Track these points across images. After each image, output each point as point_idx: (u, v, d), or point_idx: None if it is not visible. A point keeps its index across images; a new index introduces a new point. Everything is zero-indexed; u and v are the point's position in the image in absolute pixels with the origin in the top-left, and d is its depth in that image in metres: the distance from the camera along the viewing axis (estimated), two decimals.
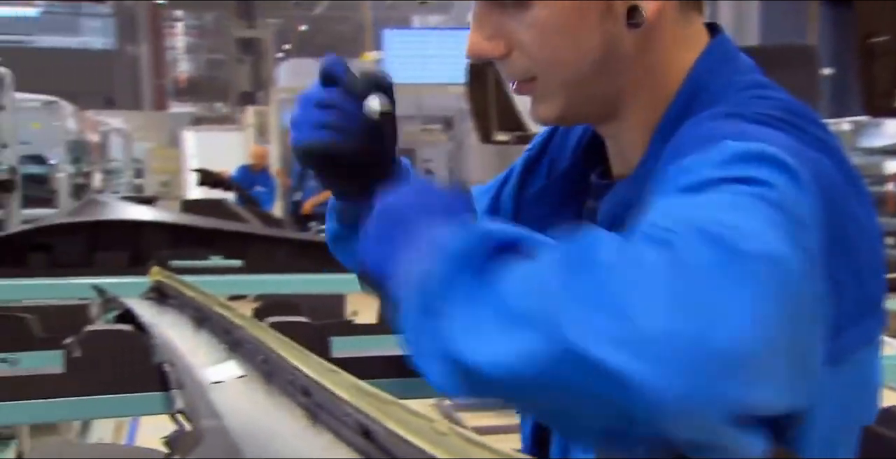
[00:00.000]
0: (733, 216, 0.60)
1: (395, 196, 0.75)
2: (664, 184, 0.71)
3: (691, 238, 0.57)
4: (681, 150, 0.75)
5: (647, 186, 0.79)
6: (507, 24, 0.85)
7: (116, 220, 1.93)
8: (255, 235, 1.96)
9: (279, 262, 1.92)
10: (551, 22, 0.83)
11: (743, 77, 0.86)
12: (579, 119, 0.93)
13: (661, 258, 0.56)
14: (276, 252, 1.95)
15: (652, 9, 0.83)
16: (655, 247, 0.57)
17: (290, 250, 1.95)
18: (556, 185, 0.98)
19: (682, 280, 0.55)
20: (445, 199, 0.75)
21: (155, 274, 1.54)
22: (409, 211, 0.72)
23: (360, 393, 0.69)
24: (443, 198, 0.75)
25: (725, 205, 0.63)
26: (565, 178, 0.98)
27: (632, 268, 0.56)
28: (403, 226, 0.71)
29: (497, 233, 0.63)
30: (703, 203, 0.63)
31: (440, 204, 0.74)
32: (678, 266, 0.56)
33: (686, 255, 0.56)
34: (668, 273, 0.55)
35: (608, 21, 0.83)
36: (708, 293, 0.55)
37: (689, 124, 0.81)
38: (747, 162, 0.68)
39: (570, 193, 0.97)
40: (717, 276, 0.55)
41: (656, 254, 0.57)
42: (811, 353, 0.60)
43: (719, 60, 0.87)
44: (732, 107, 0.80)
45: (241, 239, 1.93)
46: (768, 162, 0.68)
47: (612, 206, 0.87)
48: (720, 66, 0.87)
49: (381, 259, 0.70)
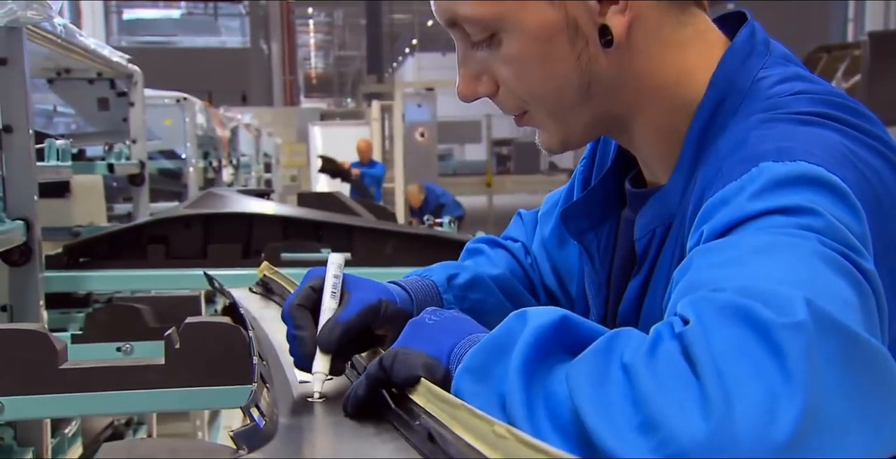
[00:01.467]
0: (766, 271, 0.58)
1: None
2: (703, 217, 0.69)
3: (716, 323, 0.55)
4: (719, 171, 0.71)
5: (685, 200, 0.76)
6: (488, 61, 0.84)
7: (229, 213, 1.98)
8: (364, 228, 1.97)
9: (386, 255, 1.93)
10: (522, 56, 0.81)
11: (773, 71, 0.80)
12: (585, 141, 0.90)
13: (685, 357, 0.54)
14: (384, 245, 1.95)
15: (621, 25, 0.79)
16: (680, 346, 0.55)
17: (398, 243, 1.95)
18: (596, 195, 0.95)
19: (712, 376, 0.52)
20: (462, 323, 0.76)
21: (263, 269, 1.56)
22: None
23: (433, 398, 0.67)
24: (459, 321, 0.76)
25: (762, 251, 0.60)
26: (604, 187, 0.95)
27: (663, 374, 0.54)
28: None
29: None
30: (737, 257, 0.61)
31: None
32: (705, 362, 0.53)
33: (714, 344, 0.54)
34: (693, 371, 0.53)
35: (578, 46, 0.80)
36: (741, 383, 0.52)
37: (724, 134, 0.77)
38: (788, 187, 0.65)
39: (610, 203, 0.94)
40: (747, 360, 0.53)
41: (679, 354, 0.55)
42: (887, 395, 0.55)
43: (742, 57, 0.82)
44: (770, 108, 0.75)
45: (349, 232, 1.95)
46: (810, 184, 0.65)
47: (648, 220, 0.84)
48: (744, 62, 0.81)
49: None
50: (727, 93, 0.80)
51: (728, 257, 0.61)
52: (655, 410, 0.52)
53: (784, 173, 0.66)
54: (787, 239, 0.61)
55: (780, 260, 0.59)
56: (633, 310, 0.87)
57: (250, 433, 0.68)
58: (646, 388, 0.53)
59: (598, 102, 0.83)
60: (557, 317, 0.62)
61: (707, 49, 0.83)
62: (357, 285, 0.91)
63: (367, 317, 0.87)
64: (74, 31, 2.03)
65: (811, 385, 0.51)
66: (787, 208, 0.63)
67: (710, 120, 0.80)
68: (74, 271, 1.91)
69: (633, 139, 0.88)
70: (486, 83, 0.85)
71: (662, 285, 0.81)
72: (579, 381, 0.56)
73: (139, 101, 2.83)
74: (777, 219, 0.63)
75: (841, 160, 0.68)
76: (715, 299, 0.57)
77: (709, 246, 0.64)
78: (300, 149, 13.20)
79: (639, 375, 0.54)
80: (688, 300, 0.58)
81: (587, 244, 0.96)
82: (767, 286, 0.56)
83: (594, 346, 0.58)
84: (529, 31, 0.79)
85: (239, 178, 5.74)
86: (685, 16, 0.82)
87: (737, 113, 0.78)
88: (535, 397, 0.58)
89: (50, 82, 2.83)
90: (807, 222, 0.62)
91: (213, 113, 4.75)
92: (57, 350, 1.07)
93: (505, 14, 0.79)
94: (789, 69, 0.81)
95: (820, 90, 0.77)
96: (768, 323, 0.53)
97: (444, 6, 0.83)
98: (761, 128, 0.72)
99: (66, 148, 2.06)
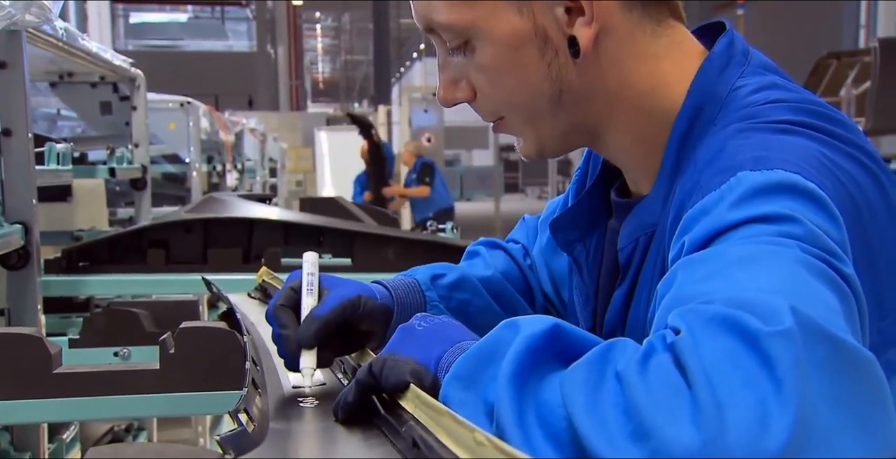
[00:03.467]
0: (751, 281, 0.58)
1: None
2: (684, 228, 0.69)
3: (706, 334, 0.55)
4: (698, 182, 0.72)
5: (666, 210, 0.77)
6: (465, 67, 0.85)
7: (230, 218, 1.97)
8: (364, 233, 1.96)
9: (387, 261, 1.92)
10: (494, 64, 0.82)
11: (750, 80, 0.81)
12: (562, 150, 0.91)
13: (677, 367, 0.54)
14: (385, 250, 1.94)
15: (587, 36, 0.80)
16: (672, 356, 0.55)
17: (399, 249, 1.95)
18: (584, 205, 0.96)
19: (704, 386, 0.52)
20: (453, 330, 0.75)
21: (261, 274, 1.55)
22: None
23: (421, 404, 0.67)
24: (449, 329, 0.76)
25: (745, 262, 0.60)
26: (591, 197, 0.96)
27: (655, 384, 0.54)
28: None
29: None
30: (721, 269, 0.61)
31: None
32: (696, 372, 0.53)
33: (704, 354, 0.54)
34: (685, 380, 0.53)
35: (548, 55, 0.81)
36: (732, 392, 0.51)
37: (702, 144, 0.77)
38: (766, 195, 0.65)
39: (598, 214, 0.95)
40: (738, 369, 0.52)
41: (671, 364, 0.55)
42: (875, 399, 0.55)
43: (720, 66, 0.82)
44: (746, 117, 0.75)
45: (350, 238, 1.94)
46: (789, 192, 0.65)
47: (631, 230, 0.84)
48: (722, 72, 0.82)
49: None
50: (705, 103, 0.80)
51: (712, 270, 0.61)
52: (647, 419, 0.52)
53: (762, 181, 0.66)
54: (768, 248, 0.61)
55: (764, 270, 0.59)
56: (618, 320, 0.87)
57: (237, 437, 0.68)
58: (637, 397, 0.53)
59: (570, 111, 0.84)
60: (549, 326, 0.61)
61: (683, 59, 0.83)
62: (336, 283, 0.93)
63: (344, 312, 0.89)
64: (77, 35, 2.03)
65: (802, 394, 0.51)
66: (767, 216, 0.63)
67: (689, 129, 0.80)
68: (73, 275, 1.91)
69: (611, 149, 0.88)
70: (463, 89, 0.87)
71: (646, 294, 0.82)
72: (573, 389, 0.56)
73: (142, 105, 2.83)
74: (757, 227, 0.63)
75: (818, 167, 0.68)
76: (704, 310, 0.57)
77: (692, 259, 0.64)
78: (306, 153, 13.21)
79: (631, 384, 0.54)
80: (677, 312, 0.58)
81: (576, 255, 0.96)
82: (753, 295, 0.56)
83: (589, 355, 0.58)
84: (500, 39, 0.81)
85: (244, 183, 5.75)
86: (661, 27, 0.83)
87: (714, 122, 0.79)
88: (525, 405, 0.58)
89: (52, 86, 2.84)
90: (787, 229, 0.62)
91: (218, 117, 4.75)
92: (51, 354, 1.07)
93: (476, 21, 0.81)
94: (766, 78, 0.81)
95: (796, 98, 0.77)
96: (756, 332, 0.53)
97: (421, 12, 0.85)
98: (738, 138, 0.73)
99: (67, 151, 2.06)
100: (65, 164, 2.04)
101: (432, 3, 0.83)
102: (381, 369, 0.71)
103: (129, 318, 1.54)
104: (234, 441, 0.67)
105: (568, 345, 0.61)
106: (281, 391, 0.91)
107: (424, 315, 0.78)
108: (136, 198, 2.82)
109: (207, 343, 1.12)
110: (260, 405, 0.82)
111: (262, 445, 0.70)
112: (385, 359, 0.72)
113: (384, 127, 11.98)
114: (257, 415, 0.77)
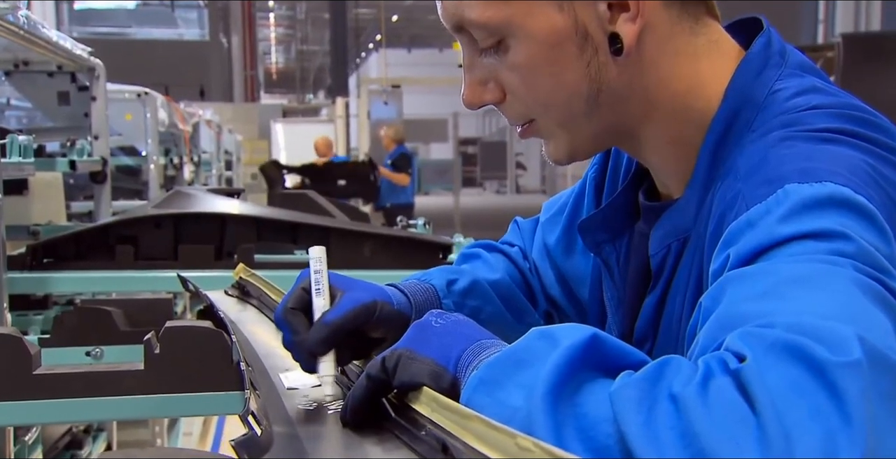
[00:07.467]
0: (810, 304, 0.57)
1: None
2: (728, 240, 0.67)
3: (769, 360, 0.53)
4: (740, 192, 0.70)
5: (701, 216, 0.75)
6: (495, 67, 0.82)
7: (201, 213, 1.93)
8: (339, 229, 1.94)
9: (363, 257, 1.90)
10: (530, 63, 0.79)
11: (789, 82, 0.79)
12: (592, 152, 0.89)
13: (741, 393, 0.53)
14: (360, 247, 1.92)
15: (631, 33, 0.78)
16: (733, 381, 0.54)
17: (374, 245, 1.93)
18: (615, 206, 0.94)
19: (771, 414, 0.51)
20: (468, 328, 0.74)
21: (238, 271, 1.53)
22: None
23: (438, 407, 0.65)
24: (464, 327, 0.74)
25: (801, 282, 0.59)
26: (623, 198, 0.94)
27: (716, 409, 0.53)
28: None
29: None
30: (776, 288, 0.59)
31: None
32: (762, 400, 0.52)
33: (770, 381, 0.52)
34: (750, 408, 0.52)
35: (588, 53, 0.79)
36: (800, 423, 0.50)
37: (741, 151, 0.75)
38: (817, 210, 0.64)
39: (627, 215, 0.93)
40: (805, 400, 0.51)
41: (733, 389, 0.53)
42: None
43: (757, 68, 0.81)
44: (787, 124, 0.74)
45: (324, 234, 1.92)
46: (839, 206, 0.64)
47: (664, 235, 0.83)
48: (759, 74, 0.80)
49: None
50: (742, 107, 0.79)
51: (766, 288, 0.60)
52: (709, 445, 0.50)
53: (811, 195, 0.65)
54: (822, 267, 0.60)
55: (822, 292, 0.58)
56: (649, 328, 0.86)
57: (250, 441, 0.67)
58: (697, 421, 0.52)
59: (607, 112, 0.81)
60: (588, 336, 0.60)
61: (720, 60, 0.81)
62: (351, 285, 0.88)
63: (357, 318, 0.84)
64: (38, 23, 1.97)
65: (870, 428, 0.50)
66: (819, 232, 0.62)
67: (725, 133, 0.78)
68: (38, 272, 1.85)
69: (643, 150, 0.86)
70: (492, 90, 0.83)
71: (679, 303, 0.80)
72: (627, 409, 0.54)
73: (101, 96, 2.76)
74: (809, 244, 0.62)
75: (865, 179, 0.67)
76: (765, 335, 0.55)
77: (742, 274, 0.63)
78: (262, 146, 13.04)
79: (689, 408, 0.52)
80: (738, 335, 0.57)
81: (605, 256, 0.94)
82: (818, 321, 0.55)
83: (642, 373, 0.57)
84: (537, 37, 0.78)
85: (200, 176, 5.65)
86: (698, 26, 0.81)
87: (752, 127, 0.77)
88: (564, 416, 0.56)
89: (7, 74, 2.75)
90: (839, 247, 0.61)
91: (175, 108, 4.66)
92: (31, 354, 1.03)
93: (512, 19, 0.77)
94: (805, 80, 0.80)
95: (837, 103, 0.76)
96: (823, 362, 0.52)
97: (451, 10, 0.81)
98: (780, 147, 0.71)
99: (29, 144, 2.00)
100: (27, 157, 1.98)
101: (465, 2, 0.79)
102: (396, 365, 0.69)
103: (102, 317, 1.50)
104: (247, 445, 0.66)
105: (606, 356, 0.60)
106: (276, 392, 0.89)
107: (440, 311, 0.76)
108: (96, 192, 2.75)
109: (194, 343, 1.09)
110: (259, 407, 0.80)
111: (273, 448, 0.68)
112: (399, 355, 0.70)
113: (342, 119, 11.88)
114: (261, 418, 0.76)
